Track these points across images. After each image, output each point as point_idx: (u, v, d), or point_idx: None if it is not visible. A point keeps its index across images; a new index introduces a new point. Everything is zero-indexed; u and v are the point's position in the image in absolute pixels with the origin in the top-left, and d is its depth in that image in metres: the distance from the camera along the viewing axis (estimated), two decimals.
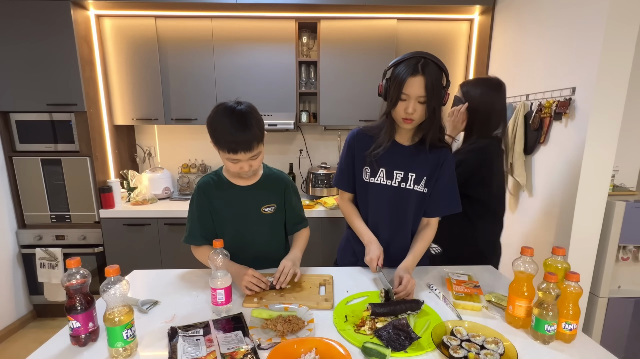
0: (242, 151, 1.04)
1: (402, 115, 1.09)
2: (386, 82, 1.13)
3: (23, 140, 2.28)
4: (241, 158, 1.06)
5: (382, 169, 1.21)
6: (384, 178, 1.21)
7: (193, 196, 1.22)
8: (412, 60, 1.05)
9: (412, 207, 1.23)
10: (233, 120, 1.03)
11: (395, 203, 1.23)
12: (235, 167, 1.09)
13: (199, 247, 1.22)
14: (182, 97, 2.48)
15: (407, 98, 1.07)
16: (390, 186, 1.21)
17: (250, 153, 1.06)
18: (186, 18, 2.38)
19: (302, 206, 1.36)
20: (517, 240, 1.98)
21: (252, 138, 1.04)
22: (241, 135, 1.03)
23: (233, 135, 1.03)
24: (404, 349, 0.81)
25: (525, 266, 0.93)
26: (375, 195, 1.23)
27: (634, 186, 1.83)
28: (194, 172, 2.85)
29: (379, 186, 1.22)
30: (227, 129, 1.03)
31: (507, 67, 2.12)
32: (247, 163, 1.08)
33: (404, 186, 1.21)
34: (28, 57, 2.17)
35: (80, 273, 0.82)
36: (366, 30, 2.42)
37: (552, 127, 1.69)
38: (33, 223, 2.39)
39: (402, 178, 1.20)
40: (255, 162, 1.11)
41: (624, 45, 1.42)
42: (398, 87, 1.06)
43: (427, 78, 1.03)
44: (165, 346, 0.84)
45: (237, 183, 1.20)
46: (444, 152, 1.21)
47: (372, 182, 1.23)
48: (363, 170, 1.24)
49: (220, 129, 1.05)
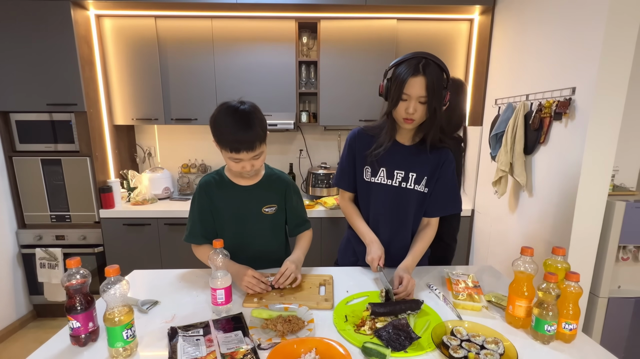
0: (244, 150, 1.05)
1: (403, 115, 1.10)
2: (387, 82, 1.13)
3: (23, 140, 2.28)
4: (243, 157, 1.06)
5: (383, 169, 1.21)
6: (385, 177, 1.21)
7: (194, 195, 1.22)
8: (413, 60, 1.06)
9: (413, 207, 1.23)
10: (236, 119, 1.04)
11: (395, 202, 1.23)
12: (238, 167, 1.09)
13: (199, 246, 1.22)
14: (182, 97, 2.48)
15: (407, 99, 1.07)
16: (390, 186, 1.21)
17: (253, 152, 1.06)
18: (186, 18, 2.38)
19: (305, 208, 1.35)
20: (517, 240, 1.98)
21: (255, 137, 1.05)
22: (244, 135, 1.03)
23: (236, 135, 1.03)
24: (403, 349, 0.82)
25: (525, 266, 0.93)
26: (375, 194, 1.24)
27: (634, 186, 1.83)
28: (194, 171, 2.85)
29: (380, 186, 1.22)
30: (230, 128, 1.04)
31: (507, 67, 2.12)
32: (249, 162, 1.08)
33: (404, 186, 1.21)
34: (28, 57, 2.17)
35: (80, 273, 0.82)
36: (366, 30, 2.42)
37: (552, 127, 1.69)
38: (33, 223, 2.39)
39: (402, 177, 1.21)
40: (258, 162, 1.11)
41: (624, 45, 1.42)
42: (399, 87, 1.06)
43: (428, 79, 1.04)
44: (165, 346, 0.84)
45: (239, 182, 1.20)
46: (444, 152, 1.21)
47: (373, 182, 1.23)
48: (364, 169, 1.24)
49: (223, 128, 1.05)
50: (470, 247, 2.54)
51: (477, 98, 2.43)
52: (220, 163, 2.85)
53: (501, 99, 2.13)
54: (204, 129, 2.80)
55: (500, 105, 2.13)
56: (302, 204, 1.34)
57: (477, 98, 2.44)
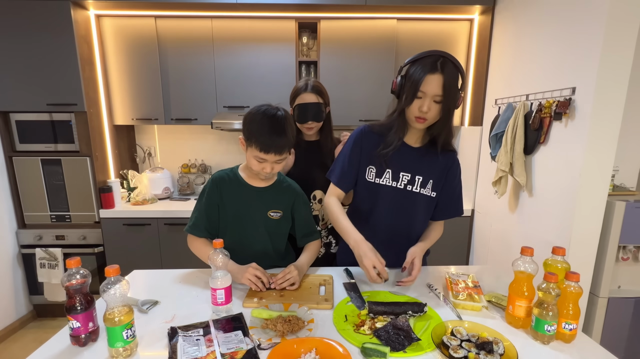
0: (273, 152, 1.09)
1: (416, 113, 1.06)
2: (401, 79, 1.09)
3: (23, 140, 2.28)
4: (269, 159, 1.10)
5: (389, 170, 1.18)
6: (390, 179, 1.19)
7: (205, 188, 1.24)
8: (431, 57, 1.03)
9: (417, 211, 1.22)
10: (273, 122, 1.09)
11: (399, 205, 1.21)
12: (259, 167, 1.13)
13: (197, 239, 1.23)
14: (182, 97, 2.48)
15: (423, 96, 1.04)
16: (396, 189, 1.19)
17: (279, 156, 1.11)
18: (186, 18, 2.38)
19: (313, 219, 1.36)
20: (517, 240, 1.98)
21: (286, 143, 1.11)
22: (277, 138, 1.08)
23: (270, 137, 1.08)
24: (403, 349, 0.81)
25: (525, 266, 0.93)
26: (379, 196, 1.21)
27: (634, 186, 1.83)
28: (194, 171, 2.85)
29: (384, 188, 1.20)
30: (267, 129, 1.08)
31: (507, 67, 2.12)
32: (270, 164, 1.12)
33: (410, 189, 1.19)
34: (28, 57, 2.17)
35: (80, 273, 0.82)
36: (366, 30, 2.42)
37: (552, 127, 1.69)
38: (33, 223, 2.39)
39: (408, 180, 1.18)
40: (278, 166, 1.15)
41: (624, 45, 1.42)
42: (415, 84, 1.03)
43: (446, 77, 1.01)
44: (165, 346, 0.84)
45: (252, 183, 1.22)
46: (451, 156, 1.20)
47: (377, 183, 1.20)
48: (367, 169, 1.21)
49: (259, 128, 1.09)
50: (470, 247, 2.54)
51: (477, 98, 2.43)
52: (220, 163, 2.85)
53: (501, 99, 2.13)
54: (204, 129, 2.80)
55: (500, 105, 2.13)
56: (311, 215, 1.35)
57: (477, 98, 2.44)
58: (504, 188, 1.96)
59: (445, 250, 2.49)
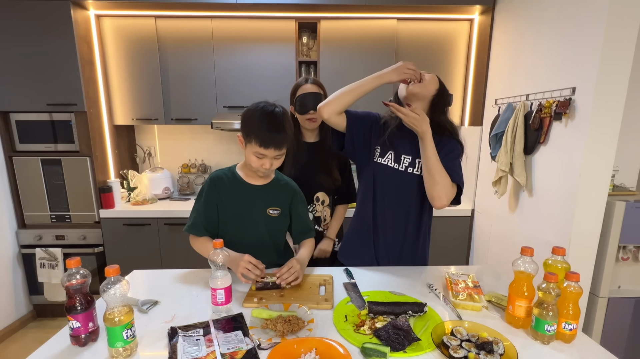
0: (272, 147, 1.10)
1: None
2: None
3: (23, 140, 2.28)
4: (268, 154, 1.12)
5: (391, 152, 1.25)
6: (392, 160, 1.25)
7: (203, 188, 1.24)
8: None
9: (416, 193, 1.25)
10: (272, 118, 1.11)
11: (399, 188, 1.25)
12: (259, 163, 1.14)
13: (198, 237, 1.23)
14: (182, 97, 2.48)
15: None
16: (396, 170, 1.25)
17: (279, 151, 1.13)
18: (186, 18, 2.38)
19: (309, 217, 1.39)
20: (517, 240, 1.98)
21: (285, 138, 1.13)
22: (277, 134, 1.11)
23: (270, 132, 1.10)
24: (403, 349, 0.81)
25: (525, 266, 0.93)
26: (379, 176, 1.27)
27: (634, 186, 1.83)
28: (194, 171, 2.85)
29: (385, 168, 1.26)
30: (266, 125, 1.10)
31: (507, 67, 2.12)
32: (270, 160, 1.14)
33: (410, 172, 1.24)
34: (28, 57, 2.17)
35: (80, 273, 0.82)
36: (366, 30, 2.42)
37: (552, 127, 1.69)
38: (33, 223, 2.39)
39: (409, 163, 1.24)
40: (277, 162, 1.17)
41: (624, 45, 1.42)
42: None
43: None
44: (165, 346, 0.84)
45: (250, 181, 1.23)
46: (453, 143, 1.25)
47: (379, 163, 1.26)
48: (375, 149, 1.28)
49: (258, 124, 1.11)
50: (470, 247, 2.54)
51: (477, 98, 2.43)
52: (220, 163, 2.85)
53: (501, 99, 2.13)
54: (204, 129, 2.80)
55: (500, 105, 2.13)
56: (307, 212, 1.38)
57: (477, 98, 2.44)
58: (504, 188, 1.96)
59: (445, 250, 2.49)
